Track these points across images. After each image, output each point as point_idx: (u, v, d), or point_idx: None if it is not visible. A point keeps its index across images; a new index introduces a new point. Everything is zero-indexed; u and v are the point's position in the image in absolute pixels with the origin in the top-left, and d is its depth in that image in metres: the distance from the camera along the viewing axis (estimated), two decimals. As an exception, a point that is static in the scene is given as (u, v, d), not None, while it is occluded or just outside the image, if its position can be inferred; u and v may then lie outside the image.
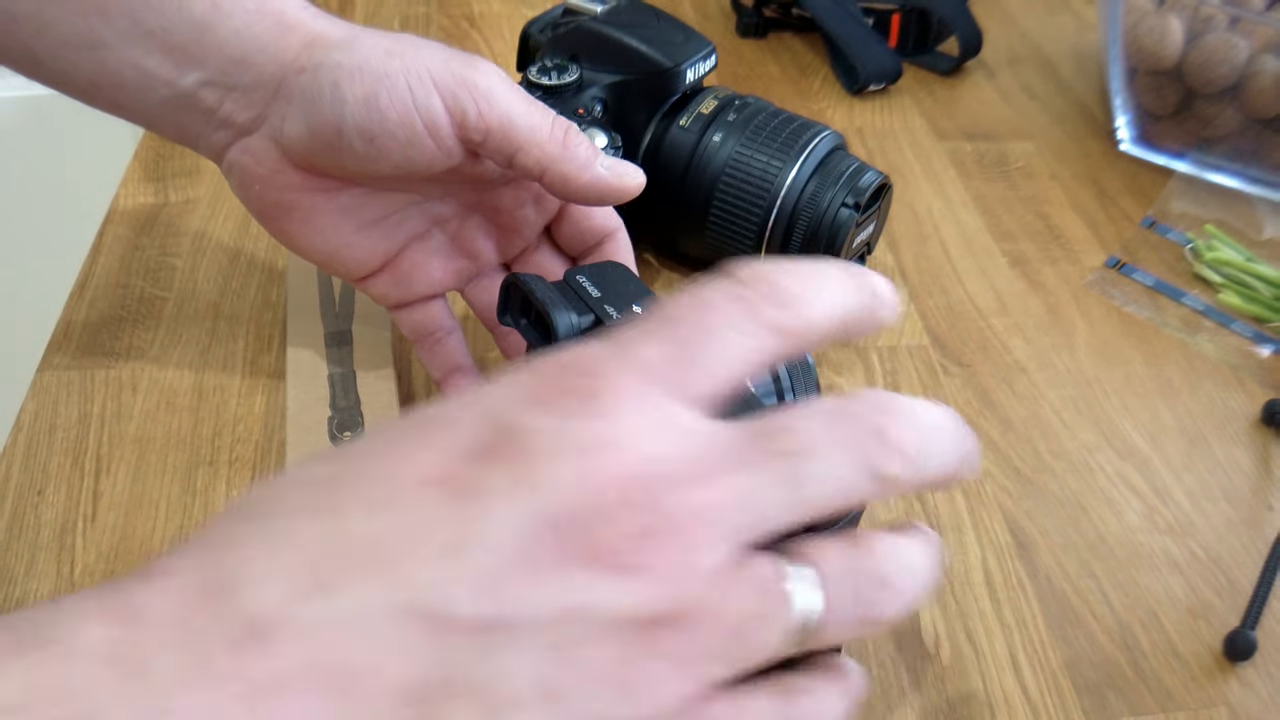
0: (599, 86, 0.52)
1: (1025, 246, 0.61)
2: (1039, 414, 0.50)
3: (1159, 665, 0.41)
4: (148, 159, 0.63)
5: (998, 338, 0.54)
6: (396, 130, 0.38)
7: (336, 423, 0.44)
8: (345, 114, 0.37)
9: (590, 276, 0.39)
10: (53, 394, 0.48)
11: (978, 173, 0.66)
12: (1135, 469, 0.48)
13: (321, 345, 0.48)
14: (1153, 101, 0.65)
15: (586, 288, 0.38)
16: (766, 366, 0.24)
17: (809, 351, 0.41)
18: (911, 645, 0.41)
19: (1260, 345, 0.55)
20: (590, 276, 0.39)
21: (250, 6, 0.39)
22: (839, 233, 0.50)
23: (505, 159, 0.39)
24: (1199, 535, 0.45)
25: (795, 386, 0.42)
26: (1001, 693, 0.39)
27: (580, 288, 0.38)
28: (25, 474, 0.45)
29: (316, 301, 0.51)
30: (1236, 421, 0.51)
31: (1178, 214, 0.63)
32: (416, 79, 0.37)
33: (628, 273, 0.40)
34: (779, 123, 0.52)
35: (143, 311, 0.52)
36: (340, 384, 0.46)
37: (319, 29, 0.39)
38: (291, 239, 0.42)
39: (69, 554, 0.42)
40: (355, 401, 0.45)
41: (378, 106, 0.37)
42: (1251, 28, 0.60)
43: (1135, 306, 0.57)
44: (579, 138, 0.39)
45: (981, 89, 0.75)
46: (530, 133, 0.38)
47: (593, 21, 0.53)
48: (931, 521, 0.45)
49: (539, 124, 0.39)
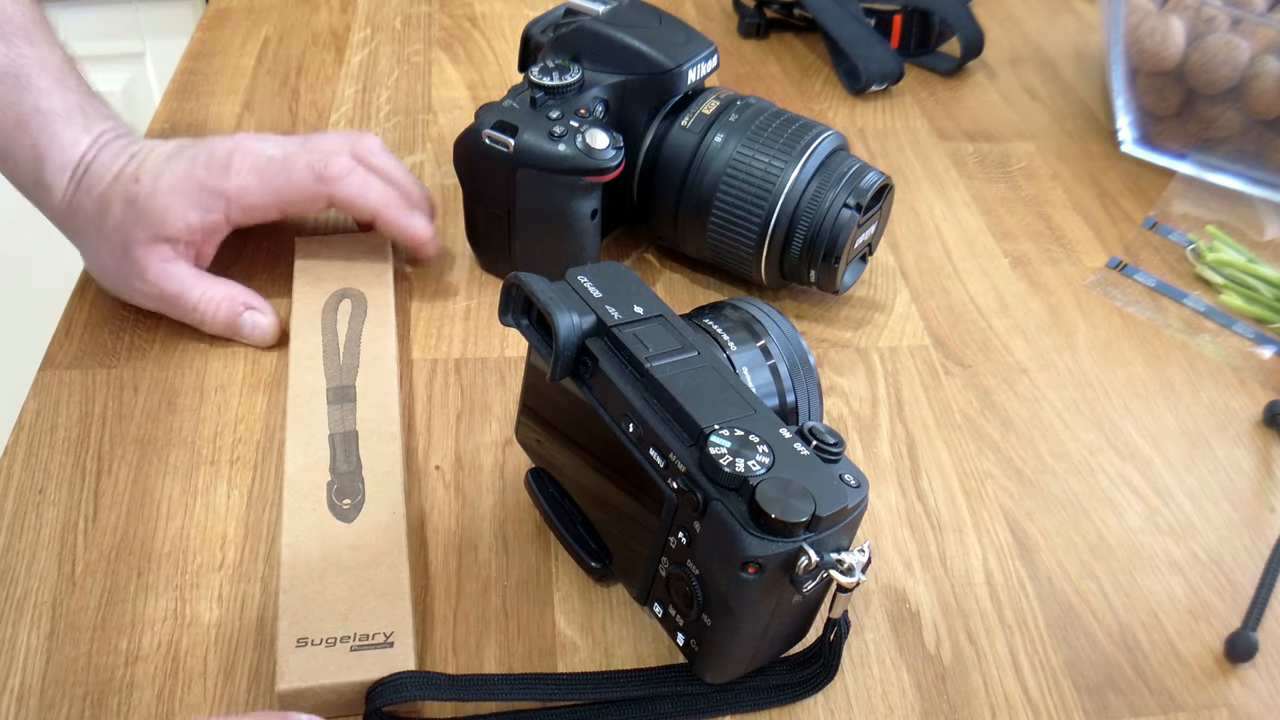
0: (601, 87, 0.52)
1: (1026, 247, 0.60)
2: (1040, 415, 0.50)
3: (1160, 666, 0.41)
4: (149, 159, 0.63)
5: (999, 338, 0.54)
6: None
7: (336, 489, 0.43)
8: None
9: (591, 276, 0.39)
10: (54, 393, 0.48)
11: (979, 173, 0.66)
12: (1136, 470, 0.48)
13: (324, 401, 0.46)
14: (1154, 102, 0.65)
15: (588, 287, 0.39)
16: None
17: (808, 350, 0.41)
18: (912, 646, 0.41)
19: (1262, 346, 0.55)
20: (591, 276, 0.39)
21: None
22: (840, 233, 0.50)
23: None
24: (1200, 536, 0.45)
25: (796, 386, 0.42)
26: (1002, 693, 0.39)
27: (581, 288, 0.39)
28: (27, 473, 0.45)
29: (320, 352, 0.49)
30: (1238, 423, 0.51)
31: (1179, 215, 0.63)
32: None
33: (628, 273, 0.40)
34: (780, 123, 0.52)
35: (144, 312, 0.52)
36: (341, 445, 0.44)
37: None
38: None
39: (70, 553, 0.42)
40: (357, 465, 0.43)
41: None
42: (1253, 29, 0.60)
43: (1137, 307, 0.57)
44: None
45: (983, 90, 0.75)
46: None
47: (595, 22, 0.53)
48: (933, 522, 0.45)
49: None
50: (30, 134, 0.49)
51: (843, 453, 0.35)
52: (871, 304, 0.56)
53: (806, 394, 0.42)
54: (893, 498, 0.46)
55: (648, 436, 0.35)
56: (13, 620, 0.39)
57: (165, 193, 0.48)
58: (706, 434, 0.34)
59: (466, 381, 0.50)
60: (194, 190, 0.49)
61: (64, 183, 0.49)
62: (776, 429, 0.35)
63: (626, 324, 0.37)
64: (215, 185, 0.49)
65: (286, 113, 0.67)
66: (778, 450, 0.34)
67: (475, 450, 0.47)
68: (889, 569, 0.43)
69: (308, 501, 0.42)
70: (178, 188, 0.49)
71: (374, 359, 0.48)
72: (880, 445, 0.48)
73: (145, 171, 0.49)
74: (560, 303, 0.37)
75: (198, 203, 0.49)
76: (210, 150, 0.50)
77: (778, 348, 0.42)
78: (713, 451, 0.34)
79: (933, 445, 0.48)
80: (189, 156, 0.49)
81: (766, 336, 0.42)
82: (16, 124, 0.49)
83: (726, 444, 0.34)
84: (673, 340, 0.37)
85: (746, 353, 0.41)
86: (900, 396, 0.51)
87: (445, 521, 0.44)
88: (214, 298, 0.50)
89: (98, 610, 0.40)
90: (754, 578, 0.33)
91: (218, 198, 0.49)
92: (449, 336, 0.52)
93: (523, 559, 0.43)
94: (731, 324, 0.43)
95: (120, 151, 0.50)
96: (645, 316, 0.38)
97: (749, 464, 0.33)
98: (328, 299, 0.51)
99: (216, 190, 0.49)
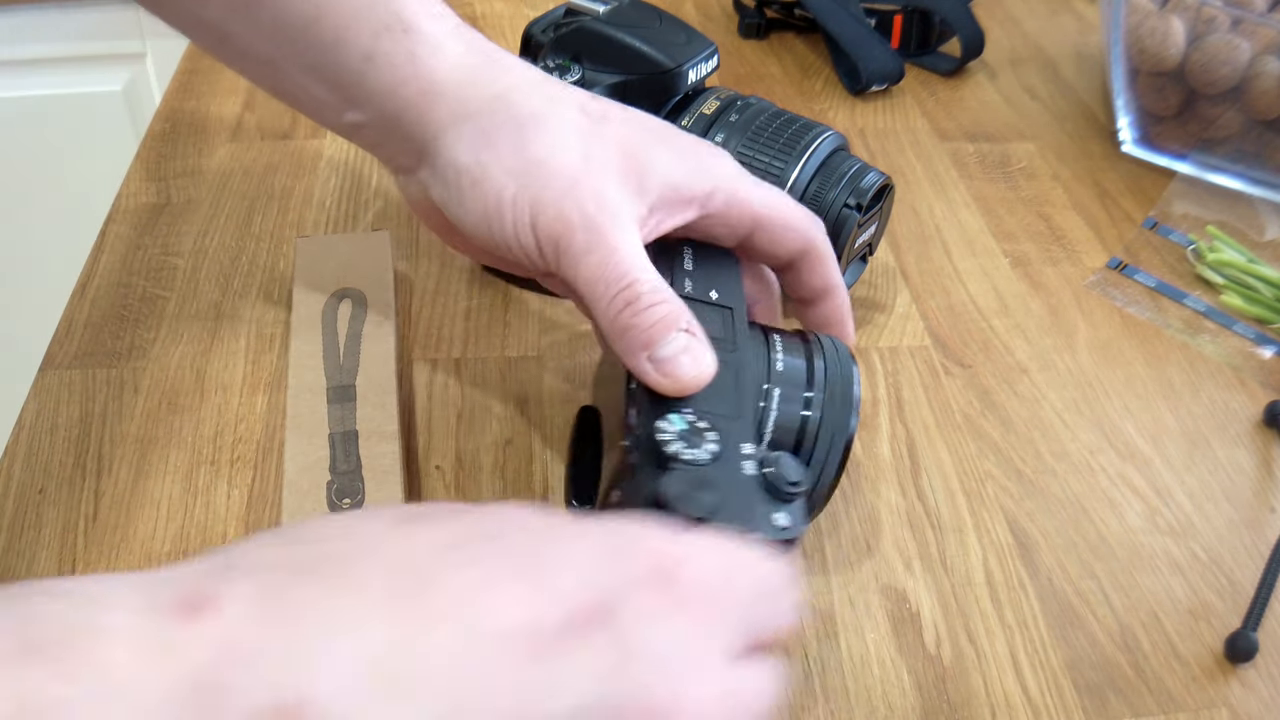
0: (601, 87, 0.52)
1: (1027, 247, 0.60)
2: (1040, 415, 0.50)
3: (1160, 666, 0.41)
4: (150, 159, 0.63)
5: (999, 338, 0.54)
6: (503, 252, 0.39)
7: (336, 488, 0.43)
8: (464, 221, 0.39)
9: (697, 251, 0.40)
10: (54, 393, 0.48)
11: (979, 173, 0.66)
12: (1137, 470, 0.48)
13: (324, 401, 0.46)
14: (1155, 102, 0.65)
15: (685, 257, 0.40)
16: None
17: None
18: (912, 646, 0.41)
19: (1262, 347, 0.55)
20: (697, 251, 0.40)
21: (402, 67, 0.39)
22: (841, 233, 0.50)
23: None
24: (1200, 536, 0.45)
25: (822, 407, 0.39)
26: (1002, 693, 0.39)
27: (679, 254, 0.40)
28: (27, 473, 0.45)
29: (320, 351, 0.48)
30: (1238, 423, 0.51)
31: (1179, 215, 0.63)
32: (522, 225, 0.37)
33: (734, 264, 0.41)
34: (781, 123, 0.52)
35: (144, 311, 0.52)
36: (341, 445, 0.44)
37: (462, 98, 0.39)
38: (455, 247, 0.46)
39: (70, 553, 0.42)
40: (357, 465, 0.43)
41: (488, 229, 0.38)
42: (1253, 29, 0.60)
43: (1137, 308, 0.57)
44: (638, 319, 0.36)
45: (983, 90, 0.75)
46: (591, 290, 0.37)
47: (595, 22, 0.53)
48: (933, 523, 0.45)
49: (601, 293, 0.36)
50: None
51: (796, 497, 0.33)
52: (871, 304, 0.56)
53: (829, 425, 0.39)
54: (893, 498, 0.46)
55: (636, 394, 0.36)
56: (13, 620, 0.39)
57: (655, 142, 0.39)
58: (670, 411, 0.34)
59: (466, 381, 0.50)
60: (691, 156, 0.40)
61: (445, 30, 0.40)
62: (741, 440, 0.34)
63: (691, 301, 0.37)
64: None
65: (287, 113, 0.67)
66: (724, 456, 0.33)
67: (475, 450, 0.47)
68: (889, 569, 0.43)
69: (308, 501, 0.42)
70: (661, 136, 0.40)
71: (374, 359, 0.48)
72: (880, 445, 0.48)
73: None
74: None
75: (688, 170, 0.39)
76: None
77: (821, 372, 0.39)
78: (661, 425, 0.33)
79: (933, 445, 0.48)
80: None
81: (820, 356, 0.40)
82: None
83: (679, 426, 0.33)
84: (719, 330, 0.37)
85: (792, 348, 0.40)
86: (900, 396, 0.51)
87: (445, 521, 0.44)
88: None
89: (98, 610, 0.40)
90: None
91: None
92: (449, 336, 0.52)
93: (523, 559, 0.43)
94: (794, 341, 0.40)
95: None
96: (713, 302, 0.38)
97: (685, 451, 0.33)
98: (328, 299, 0.51)
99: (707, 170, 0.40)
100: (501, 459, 0.46)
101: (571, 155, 0.37)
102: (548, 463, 0.46)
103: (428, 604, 0.23)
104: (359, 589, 0.23)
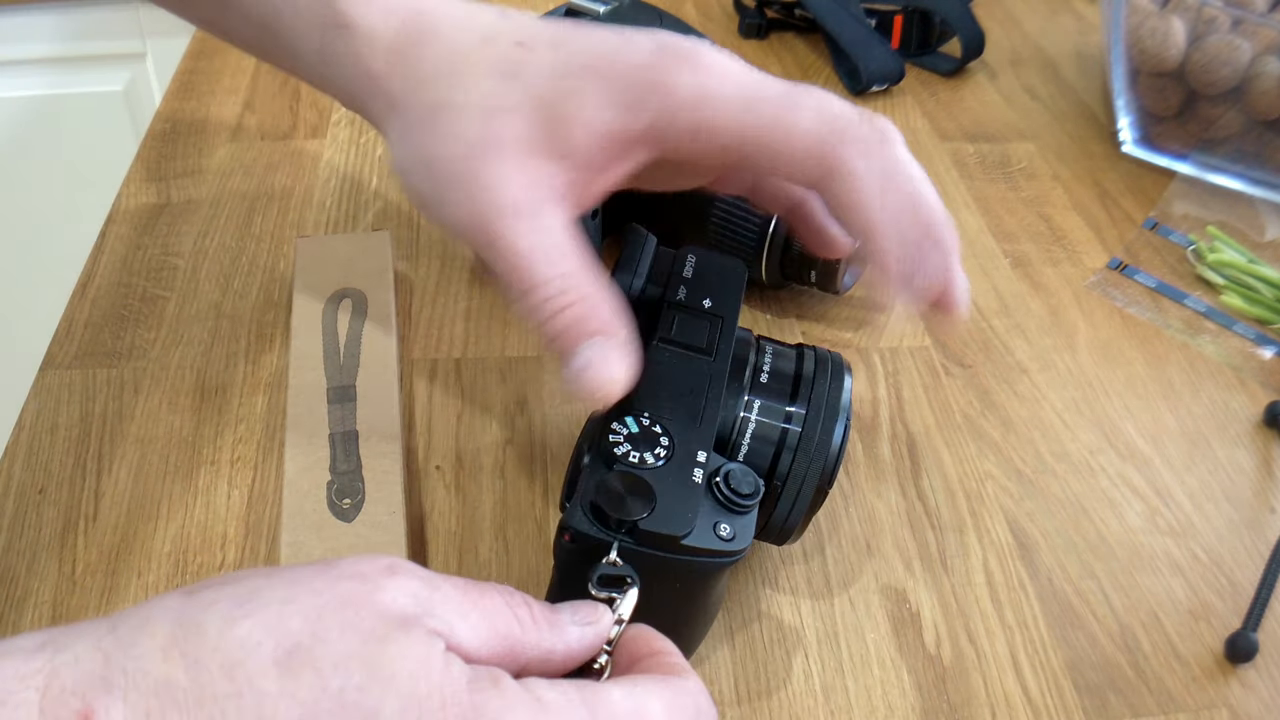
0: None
1: (1027, 247, 0.60)
2: (1040, 415, 0.50)
3: (1160, 666, 0.41)
4: (150, 159, 0.63)
5: (999, 339, 0.54)
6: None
7: (336, 488, 0.43)
8: (418, 201, 0.36)
9: (700, 259, 0.40)
10: (54, 393, 0.48)
11: (980, 173, 0.66)
12: (1137, 470, 0.48)
13: (324, 401, 0.46)
14: (1155, 103, 0.65)
15: (687, 265, 0.39)
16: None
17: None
18: (912, 646, 0.41)
19: (1262, 347, 0.55)
20: (700, 259, 0.40)
21: (349, 64, 0.37)
22: (841, 233, 0.50)
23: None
24: (1200, 537, 0.45)
25: (804, 418, 0.39)
26: (1002, 693, 0.39)
27: (680, 262, 0.40)
28: (27, 473, 0.45)
29: (320, 352, 0.48)
30: (1238, 423, 0.51)
31: (1180, 215, 0.63)
32: (443, 226, 0.35)
33: (738, 275, 0.40)
34: (781, 123, 0.52)
35: (145, 311, 0.52)
36: (341, 445, 0.44)
37: (390, 91, 0.36)
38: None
39: (70, 553, 0.42)
40: (357, 465, 0.43)
41: (440, 210, 0.35)
42: (1254, 29, 0.60)
43: (1137, 308, 0.57)
44: (546, 327, 0.33)
45: (983, 90, 0.75)
46: (508, 296, 0.34)
47: (595, 22, 0.53)
48: (933, 523, 0.45)
49: (513, 299, 0.34)
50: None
51: (746, 510, 0.33)
52: (872, 304, 0.56)
53: (810, 441, 0.38)
54: (893, 498, 0.46)
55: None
56: (13, 620, 0.39)
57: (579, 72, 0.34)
58: (628, 413, 0.34)
59: (466, 381, 0.50)
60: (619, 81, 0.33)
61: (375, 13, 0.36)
62: (698, 449, 0.34)
63: (680, 307, 0.37)
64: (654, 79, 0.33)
65: (287, 113, 0.67)
66: (675, 463, 0.33)
67: (475, 450, 0.47)
68: (889, 569, 0.43)
69: (308, 501, 0.42)
70: (594, 68, 0.33)
71: (374, 359, 0.48)
72: (880, 445, 0.48)
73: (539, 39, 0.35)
74: (634, 264, 0.38)
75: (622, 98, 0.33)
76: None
77: (808, 387, 0.38)
78: (615, 426, 0.33)
79: (933, 445, 0.48)
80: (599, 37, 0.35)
81: (811, 370, 0.39)
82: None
83: (632, 429, 0.34)
84: (702, 338, 0.37)
85: (780, 361, 0.39)
86: (901, 397, 0.51)
87: (445, 521, 0.44)
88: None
89: (98, 610, 0.40)
90: (567, 545, 0.32)
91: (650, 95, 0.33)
92: (449, 336, 0.52)
93: (523, 559, 0.43)
94: (786, 353, 0.40)
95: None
96: (703, 310, 0.38)
97: (632, 453, 0.33)
98: (328, 299, 0.51)
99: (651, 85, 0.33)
100: (501, 459, 0.46)
101: (463, 146, 0.34)
102: (548, 463, 0.46)
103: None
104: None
